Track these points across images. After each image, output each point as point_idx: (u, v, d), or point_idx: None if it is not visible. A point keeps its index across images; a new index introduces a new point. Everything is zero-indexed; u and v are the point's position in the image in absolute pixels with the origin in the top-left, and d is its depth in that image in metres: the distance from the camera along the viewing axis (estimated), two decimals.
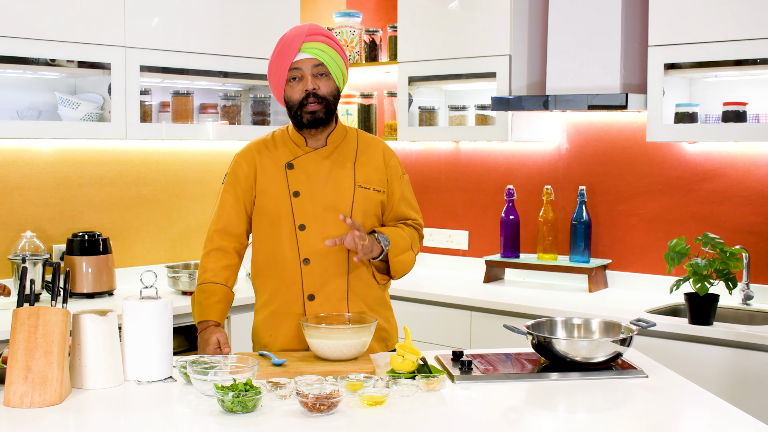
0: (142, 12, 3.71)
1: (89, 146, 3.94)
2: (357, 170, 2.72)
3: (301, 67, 2.63)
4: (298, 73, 2.64)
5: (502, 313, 3.70)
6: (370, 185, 2.72)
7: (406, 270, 2.75)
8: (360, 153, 2.75)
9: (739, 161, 3.71)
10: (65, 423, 2.07)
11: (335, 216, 2.66)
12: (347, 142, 2.76)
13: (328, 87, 2.66)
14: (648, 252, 3.96)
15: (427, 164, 4.63)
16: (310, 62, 2.63)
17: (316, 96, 2.63)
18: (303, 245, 2.67)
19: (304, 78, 2.63)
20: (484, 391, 2.30)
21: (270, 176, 2.71)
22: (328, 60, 2.63)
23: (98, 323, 2.29)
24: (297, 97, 2.64)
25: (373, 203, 2.72)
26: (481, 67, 4.08)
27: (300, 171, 2.69)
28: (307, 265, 2.67)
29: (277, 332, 2.72)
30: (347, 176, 2.70)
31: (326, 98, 2.65)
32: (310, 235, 2.66)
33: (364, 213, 2.70)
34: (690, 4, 3.47)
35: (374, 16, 4.88)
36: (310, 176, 2.69)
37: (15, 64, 3.44)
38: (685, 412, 2.24)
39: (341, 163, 2.71)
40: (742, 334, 3.13)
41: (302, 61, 2.62)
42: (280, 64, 2.64)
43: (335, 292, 2.68)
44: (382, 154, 2.78)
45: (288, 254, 2.67)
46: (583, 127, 4.15)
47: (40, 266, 3.58)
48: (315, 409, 2.07)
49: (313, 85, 2.63)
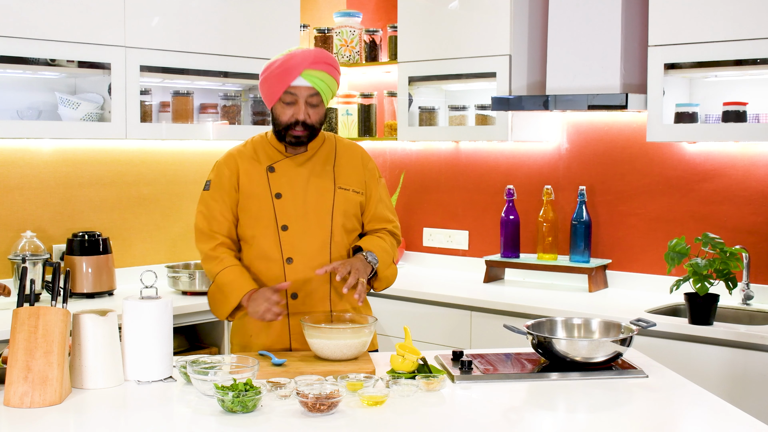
0: (142, 12, 3.71)
1: (89, 146, 3.94)
2: (336, 172, 2.76)
3: (296, 93, 2.64)
4: (293, 98, 2.65)
5: (502, 313, 3.70)
6: (350, 186, 2.76)
7: (390, 283, 2.80)
8: (338, 156, 2.79)
9: (739, 161, 3.71)
10: (65, 423, 2.07)
11: (317, 217, 2.71)
12: (326, 146, 2.80)
13: (318, 115, 2.68)
14: (648, 252, 3.96)
15: (427, 164, 4.63)
16: (307, 91, 2.64)
17: (305, 125, 2.66)
18: (286, 245, 2.70)
19: (297, 104, 2.65)
20: (484, 391, 2.30)
21: (252, 178, 2.73)
22: (325, 89, 2.65)
23: (98, 323, 2.29)
24: (285, 120, 2.67)
25: (353, 204, 2.77)
26: (481, 67, 4.08)
27: (281, 174, 2.73)
28: (290, 264, 2.70)
29: (259, 332, 2.74)
30: (327, 178, 2.74)
31: (313, 126, 2.68)
32: (292, 235, 2.70)
33: (344, 213, 2.74)
34: (690, 4, 3.47)
35: (374, 16, 4.88)
36: (291, 179, 2.72)
37: (15, 64, 3.44)
38: (685, 412, 2.24)
39: (321, 166, 2.76)
40: (742, 334, 3.13)
41: (299, 88, 2.64)
42: (276, 83, 2.64)
43: (318, 291, 2.72)
44: (360, 158, 2.83)
45: (271, 254, 2.71)
46: (583, 127, 4.14)
47: (40, 266, 3.58)
48: (315, 409, 2.07)
49: (305, 115, 2.65)
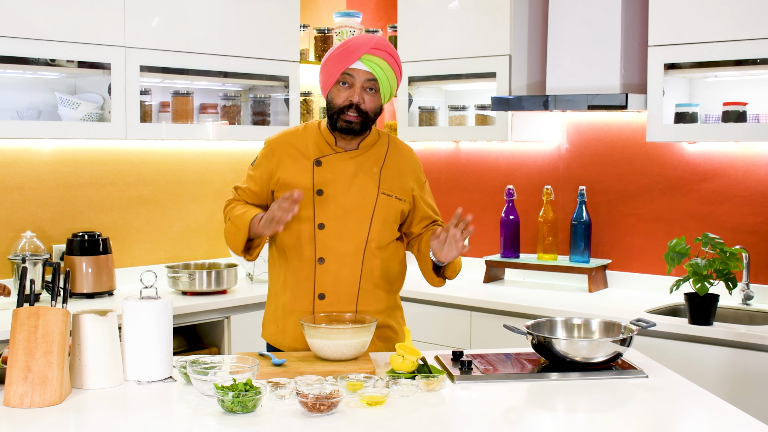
0: (142, 12, 3.71)
1: (89, 146, 3.94)
2: (382, 176, 2.71)
3: (354, 75, 2.61)
4: (350, 80, 2.62)
5: (502, 313, 3.70)
6: (393, 193, 2.72)
7: (458, 270, 2.79)
8: (389, 158, 2.75)
9: (739, 161, 3.71)
10: (65, 423, 2.07)
11: (355, 219, 2.67)
12: (378, 146, 2.75)
13: (373, 103, 2.64)
14: (648, 252, 3.96)
15: (427, 164, 4.63)
16: (365, 74, 2.61)
17: (359, 109, 2.62)
18: (320, 244, 2.66)
19: (353, 87, 2.62)
20: (484, 391, 2.30)
21: (294, 170, 2.69)
22: (383, 78, 2.61)
23: (98, 323, 2.29)
24: (340, 102, 2.63)
25: (393, 211, 2.72)
26: (481, 67, 4.08)
27: (327, 170, 2.69)
28: (321, 264, 2.67)
29: (285, 326, 2.72)
30: (372, 181, 2.70)
31: (367, 113, 2.64)
32: (328, 234, 2.66)
33: (384, 221, 2.70)
34: (690, 4, 3.47)
35: (374, 16, 4.88)
36: (336, 176, 2.68)
37: (15, 64, 3.44)
38: (685, 412, 2.24)
39: (368, 168, 2.71)
40: (742, 334, 3.13)
41: (358, 71, 2.61)
42: (335, 64, 2.62)
43: (346, 293, 2.68)
44: (411, 164, 2.79)
45: (304, 251, 2.67)
46: (583, 127, 4.14)
47: (40, 266, 3.58)
48: (315, 409, 2.07)
49: (359, 98, 2.61)
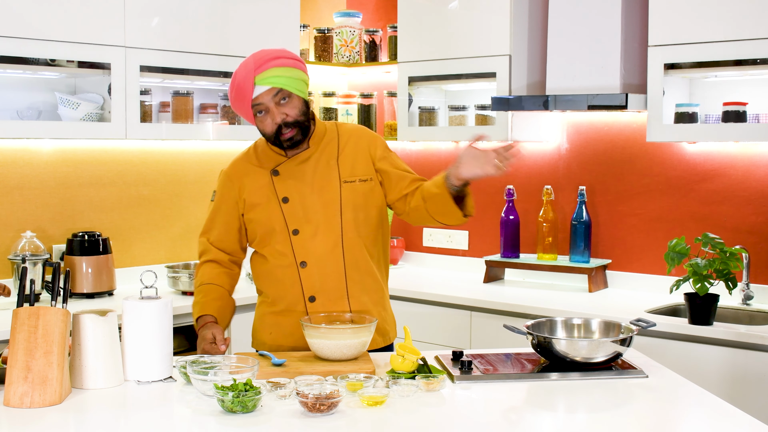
0: (141, 12, 3.71)
1: (89, 146, 3.94)
2: (340, 165, 2.71)
3: (262, 101, 2.58)
4: (262, 107, 2.60)
5: (502, 313, 3.70)
6: (355, 177, 2.71)
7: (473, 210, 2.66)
8: (342, 146, 2.74)
9: (739, 161, 3.71)
10: (65, 423, 2.07)
11: (325, 216, 2.67)
12: (328, 138, 2.74)
13: (295, 108, 2.61)
14: (648, 252, 3.96)
15: (427, 164, 4.63)
16: (269, 93, 2.58)
17: (288, 124, 2.61)
18: (298, 249, 2.67)
19: (269, 111, 2.60)
20: (484, 391, 2.30)
21: (256, 188, 2.71)
22: (286, 83, 2.58)
23: (98, 323, 2.29)
24: (270, 130, 2.63)
25: (362, 194, 2.71)
26: (481, 67, 4.08)
27: (286, 176, 2.70)
28: (304, 268, 2.67)
29: (278, 330, 2.73)
30: (332, 174, 2.70)
31: (297, 120, 2.62)
32: (304, 238, 2.67)
33: (354, 208, 2.69)
34: (690, 4, 3.47)
35: (374, 16, 4.88)
36: (296, 180, 2.69)
37: (15, 64, 3.43)
38: (685, 412, 2.24)
39: (325, 162, 2.71)
40: (742, 334, 3.13)
41: (261, 96, 2.58)
42: (240, 105, 2.61)
43: (335, 291, 2.68)
44: (364, 140, 2.76)
45: (285, 259, 2.69)
46: (583, 127, 4.14)
47: (40, 266, 3.58)
48: (315, 409, 2.07)
49: (280, 115, 2.59)
